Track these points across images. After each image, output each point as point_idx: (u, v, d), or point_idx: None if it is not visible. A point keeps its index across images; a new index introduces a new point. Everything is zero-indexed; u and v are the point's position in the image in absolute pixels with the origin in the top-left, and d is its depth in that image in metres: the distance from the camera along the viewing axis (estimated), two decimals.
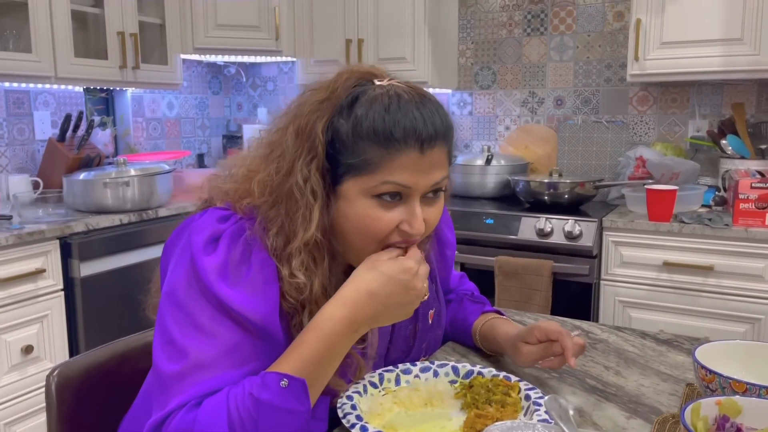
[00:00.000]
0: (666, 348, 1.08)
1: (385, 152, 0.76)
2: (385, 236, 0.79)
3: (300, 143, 0.79)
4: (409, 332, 0.95)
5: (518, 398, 0.85)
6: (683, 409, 0.68)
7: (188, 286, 0.77)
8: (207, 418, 0.70)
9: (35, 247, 2.02)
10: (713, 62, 2.24)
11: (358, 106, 0.78)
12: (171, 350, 0.75)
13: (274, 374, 0.72)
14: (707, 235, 2.07)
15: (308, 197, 0.78)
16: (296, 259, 0.78)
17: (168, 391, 0.74)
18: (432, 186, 0.80)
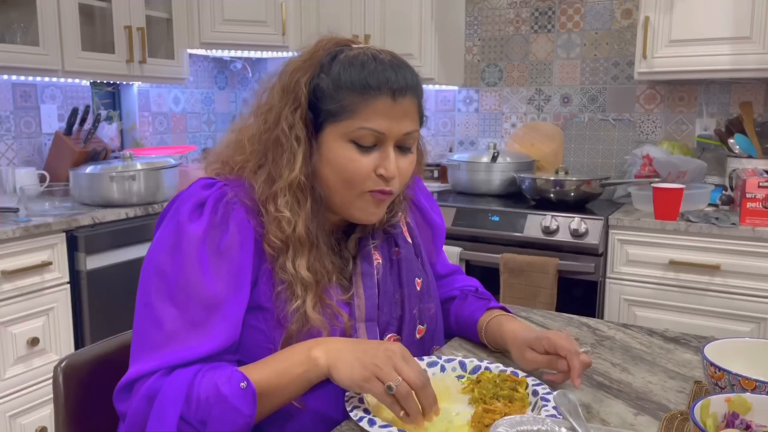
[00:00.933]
0: (673, 345, 1.08)
1: (361, 99, 0.85)
2: (363, 180, 0.87)
3: (285, 97, 0.89)
4: (397, 298, 0.96)
5: (526, 393, 0.85)
6: (692, 406, 0.68)
7: (170, 253, 0.85)
8: (170, 391, 0.78)
9: (42, 240, 2.03)
10: (722, 61, 2.23)
11: (337, 62, 0.88)
12: (148, 314, 0.84)
13: (240, 374, 0.80)
14: (714, 234, 2.07)
15: (293, 142, 0.87)
16: (281, 199, 0.87)
17: (142, 354, 0.83)
18: (403, 135, 0.88)
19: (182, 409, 0.78)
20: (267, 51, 3.11)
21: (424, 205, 1.11)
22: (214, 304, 0.83)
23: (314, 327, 0.86)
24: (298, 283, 0.86)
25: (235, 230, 0.85)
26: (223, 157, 0.95)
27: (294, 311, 0.86)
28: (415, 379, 0.76)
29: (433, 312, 1.02)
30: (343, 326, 0.90)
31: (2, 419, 1.95)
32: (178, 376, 0.79)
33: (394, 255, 0.99)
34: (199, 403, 0.78)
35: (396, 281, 0.97)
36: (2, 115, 2.54)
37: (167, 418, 0.77)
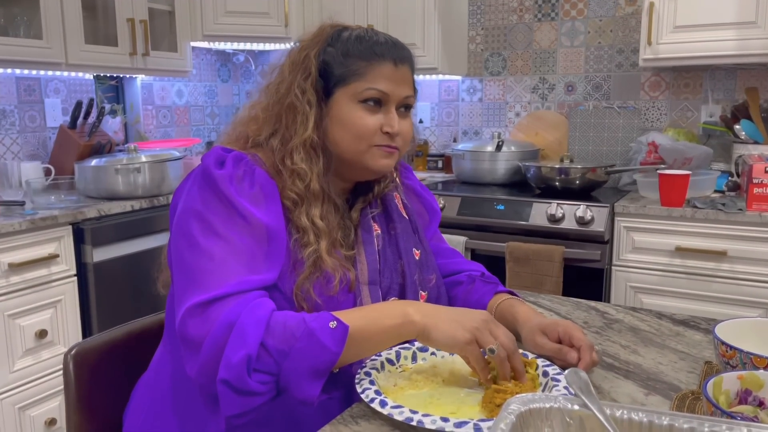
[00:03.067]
0: (683, 328, 1.07)
1: (368, 64, 0.95)
2: (371, 135, 0.96)
3: (295, 70, 0.98)
4: (397, 267, 1.02)
5: (536, 374, 0.85)
6: (705, 383, 0.68)
7: (205, 196, 0.88)
8: (250, 317, 0.79)
9: (48, 233, 2.03)
10: (727, 46, 2.22)
11: (343, 37, 0.98)
12: (196, 254, 0.85)
13: (329, 315, 0.82)
14: (720, 220, 2.06)
15: (305, 106, 0.95)
16: (297, 155, 0.94)
17: (198, 285, 0.83)
18: (403, 98, 0.98)
19: (263, 335, 0.78)
20: (270, 43, 3.10)
21: (420, 192, 1.18)
22: (265, 233, 0.88)
23: (327, 271, 0.91)
24: (311, 232, 0.93)
25: (260, 184, 0.91)
26: (237, 133, 1.02)
27: (309, 255, 0.91)
28: (509, 344, 0.81)
29: (433, 283, 1.06)
30: (349, 281, 0.94)
31: (11, 411, 1.96)
32: (258, 306, 0.81)
33: (392, 229, 1.05)
34: (285, 334, 0.79)
35: (395, 251, 1.03)
36: (7, 109, 2.55)
37: (250, 338, 0.77)
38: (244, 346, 0.77)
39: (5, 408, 1.94)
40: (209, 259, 0.84)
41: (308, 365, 0.78)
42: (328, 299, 0.91)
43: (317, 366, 0.78)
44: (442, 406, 0.79)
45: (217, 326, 0.79)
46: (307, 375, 0.78)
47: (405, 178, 1.16)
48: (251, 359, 0.77)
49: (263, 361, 0.78)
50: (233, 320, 0.79)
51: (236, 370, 0.76)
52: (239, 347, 0.77)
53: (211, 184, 0.89)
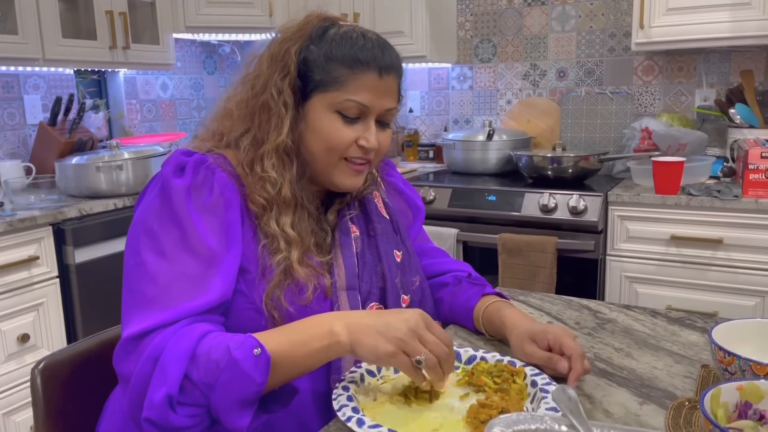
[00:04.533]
0: (678, 327, 1.03)
1: (351, 72, 0.89)
2: (344, 148, 0.90)
3: (273, 65, 0.91)
4: (378, 270, 0.97)
5: (524, 384, 0.80)
6: (702, 397, 0.64)
7: (158, 212, 0.84)
8: (174, 350, 0.75)
9: (28, 234, 1.98)
10: (721, 28, 2.17)
11: (328, 36, 0.91)
12: (141, 272, 0.82)
13: (254, 340, 0.76)
14: (716, 207, 2.02)
15: (281, 107, 0.89)
16: (268, 161, 0.89)
17: (137, 310, 0.80)
18: (385, 110, 0.92)
19: (187, 368, 0.74)
20: (254, 33, 3.03)
21: (403, 188, 1.13)
22: (209, 257, 0.83)
23: (299, 280, 0.87)
24: (281, 239, 0.88)
25: (219, 191, 0.86)
26: (212, 127, 0.97)
27: (279, 263, 0.87)
28: (439, 350, 0.76)
29: (417, 285, 1.01)
30: (324, 288, 0.90)
31: None
32: (183, 336, 0.76)
33: (372, 230, 1.00)
34: (208, 365, 0.74)
35: (375, 253, 0.98)
36: None
37: (170, 376, 0.73)
38: (164, 383, 0.73)
39: None
40: (152, 282, 0.81)
41: (235, 396, 0.73)
42: (301, 308, 0.86)
43: (244, 396, 0.73)
44: (425, 423, 0.74)
45: (142, 362, 0.75)
46: (235, 406, 0.73)
47: (387, 175, 1.11)
48: (172, 397, 0.73)
49: (189, 394, 0.74)
50: (158, 354, 0.75)
51: (158, 409, 0.72)
52: (160, 385, 0.73)
53: (166, 196, 0.84)
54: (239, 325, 0.86)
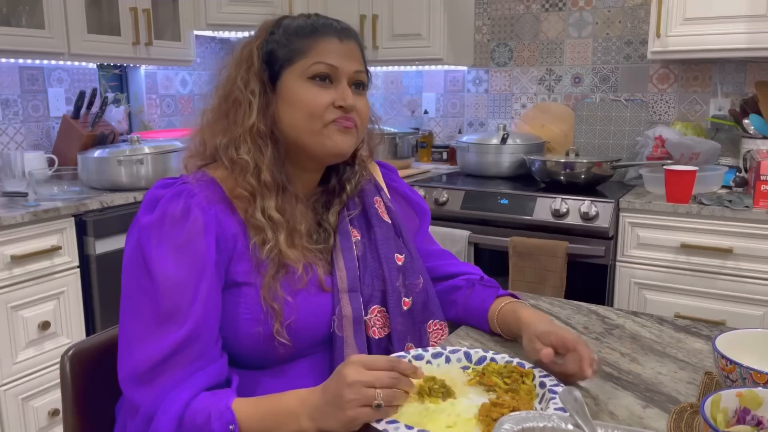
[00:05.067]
0: (684, 335, 1.06)
1: (312, 40, 0.94)
2: (323, 111, 0.93)
3: (239, 63, 0.96)
4: (378, 273, 1.00)
5: (533, 385, 0.84)
6: (703, 402, 0.67)
7: (129, 253, 0.88)
8: (165, 415, 0.81)
9: (51, 225, 2.03)
10: (738, 39, 2.18)
11: (285, 23, 0.97)
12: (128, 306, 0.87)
13: (232, 415, 0.80)
14: (727, 217, 2.04)
15: (248, 95, 0.94)
16: (243, 146, 0.92)
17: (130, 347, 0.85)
18: (354, 72, 0.96)
19: (176, 431, 0.81)
20: None
21: (408, 193, 1.16)
22: (178, 291, 0.85)
23: (289, 265, 0.91)
24: (268, 228, 0.91)
25: (195, 216, 0.87)
26: (195, 141, 1.00)
27: (269, 252, 0.90)
28: (386, 381, 0.77)
29: (420, 287, 1.04)
30: (317, 277, 0.95)
31: (15, 402, 1.98)
32: (174, 399, 0.82)
33: (373, 234, 1.03)
34: (192, 429, 0.81)
35: (375, 257, 1.01)
36: (10, 98, 2.54)
37: None
38: None
39: (9, 399, 1.96)
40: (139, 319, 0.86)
41: None
42: (296, 293, 0.91)
43: None
44: (438, 420, 0.78)
45: (138, 419, 0.82)
46: None
47: (390, 181, 1.15)
48: None
49: None
50: (152, 414, 0.81)
51: None
52: None
53: (135, 236, 0.88)
54: (238, 333, 0.91)
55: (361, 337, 0.97)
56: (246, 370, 0.93)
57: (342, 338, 0.96)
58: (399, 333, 1.00)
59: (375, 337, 0.98)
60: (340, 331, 0.96)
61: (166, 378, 0.83)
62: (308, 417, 0.79)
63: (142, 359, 0.83)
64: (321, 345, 0.98)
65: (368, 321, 0.98)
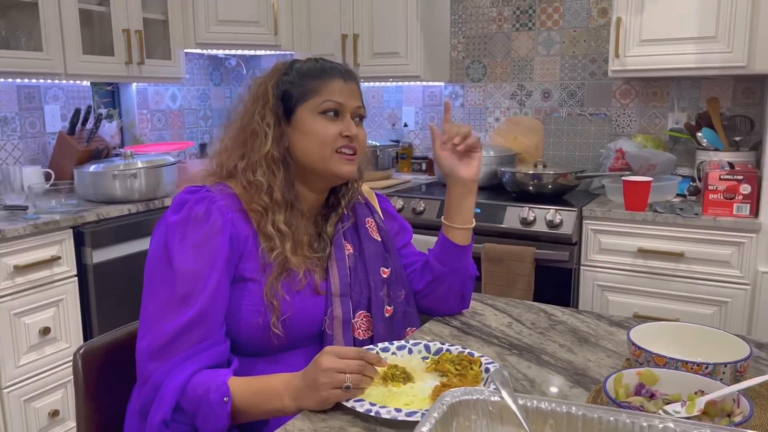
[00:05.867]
0: (617, 328, 1.22)
1: (321, 81, 1.13)
2: (333, 140, 1.12)
3: (255, 101, 1.15)
4: (366, 282, 1.17)
5: (479, 371, 1.00)
6: (606, 379, 0.83)
7: (158, 258, 1.04)
8: (170, 384, 0.97)
9: (50, 236, 2.17)
10: (689, 59, 2.36)
11: (296, 66, 1.16)
12: (147, 295, 1.03)
13: (227, 389, 0.96)
14: (679, 223, 2.22)
15: (264, 127, 1.12)
16: (259, 170, 1.11)
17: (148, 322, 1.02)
18: (356, 108, 1.15)
19: (179, 398, 0.96)
20: (260, 50, 3.23)
21: (395, 215, 1.36)
22: (193, 279, 1.01)
23: (293, 270, 1.09)
24: (277, 238, 1.09)
25: (215, 217, 1.05)
26: (214, 163, 1.19)
27: (276, 257, 1.08)
28: (354, 367, 0.92)
29: (402, 298, 1.21)
30: (314, 282, 1.12)
31: (17, 403, 2.10)
32: (180, 371, 0.97)
33: (363, 250, 1.20)
34: (193, 398, 0.96)
35: (363, 270, 1.18)
36: (8, 116, 2.67)
37: (165, 404, 0.96)
38: (161, 410, 0.96)
39: (12, 400, 2.08)
40: (151, 303, 1.03)
41: (209, 429, 0.96)
42: (294, 294, 1.08)
43: (214, 430, 0.96)
44: (398, 400, 0.93)
45: (148, 388, 0.99)
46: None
47: (384, 205, 1.34)
48: (166, 421, 0.96)
49: (179, 418, 0.97)
50: (159, 383, 0.98)
51: (156, 429, 0.96)
52: (158, 410, 0.96)
53: (162, 232, 1.05)
54: (239, 321, 1.07)
55: (348, 336, 1.13)
56: (245, 356, 1.09)
57: (331, 336, 1.12)
58: (381, 336, 1.16)
59: (359, 338, 1.15)
60: (330, 330, 1.12)
61: (175, 354, 0.98)
62: (290, 397, 0.95)
63: (157, 335, 0.99)
64: (311, 340, 1.13)
65: (355, 323, 1.15)
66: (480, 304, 1.37)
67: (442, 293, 1.27)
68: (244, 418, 0.98)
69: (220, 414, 0.95)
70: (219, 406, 0.95)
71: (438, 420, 0.73)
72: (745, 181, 2.14)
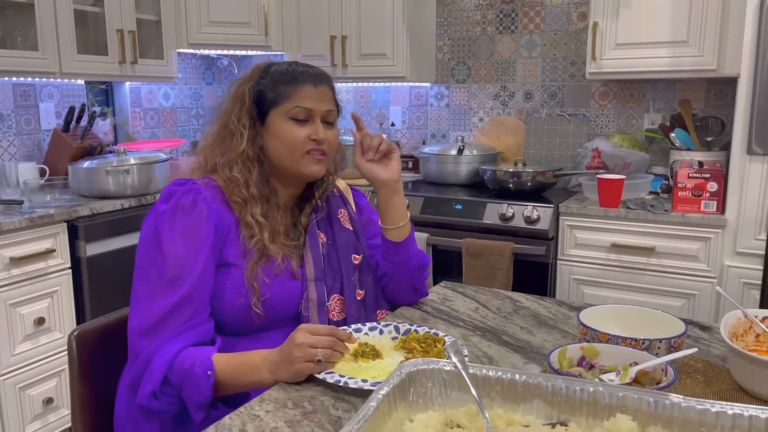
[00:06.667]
0: (575, 313, 1.32)
1: (293, 87, 1.21)
2: (302, 144, 1.20)
3: (234, 101, 1.24)
4: (337, 268, 1.26)
5: (442, 348, 1.08)
6: (550, 353, 0.92)
7: (148, 244, 1.12)
8: (160, 359, 1.05)
9: (45, 230, 2.24)
10: (662, 62, 2.46)
11: (271, 70, 1.24)
12: (137, 278, 1.12)
13: (211, 363, 1.04)
14: (649, 219, 2.31)
15: (240, 128, 1.21)
16: (235, 167, 1.20)
17: (135, 309, 1.11)
18: (326, 111, 1.23)
19: (167, 372, 1.04)
20: (251, 50, 3.31)
21: (369, 209, 1.45)
22: (181, 263, 1.10)
23: (271, 255, 1.18)
24: (255, 227, 1.18)
25: (201, 207, 1.14)
26: (200, 158, 1.28)
27: (255, 244, 1.17)
28: (326, 342, 1.01)
29: (371, 282, 1.31)
30: (291, 267, 1.21)
31: (13, 391, 2.18)
32: (169, 348, 1.06)
33: (336, 239, 1.30)
34: (180, 372, 1.04)
35: (336, 257, 1.28)
36: (4, 113, 2.75)
37: (154, 377, 1.05)
38: (150, 382, 1.04)
39: (7, 388, 2.16)
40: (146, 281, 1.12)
41: (194, 400, 1.04)
42: (273, 278, 1.17)
43: (198, 401, 1.04)
44: (366, 373, 1.02)
45: (139, 362, 1.07)
46: (194, 406, 1.05)
47: (359, 200, 1.44)
48: (155, 392, 1.04)
49: (167, 390, 1.05)
50: (149, 358, 1.06)
51: (146, 398, 1.05)
52: (148, 382, 1.05)
53: (152, 220, 1.14)
54: (223, 303, 1.16)
55: (323, 317, 1.23)
56: (228, 336, 1.18)
57: (308, 317, 1.22)
58: (353, 317, 1.26)
59: (334, 319, 1.24)
60: (306, 312, 1.21)
61: (164, 332, 1.07)
62: (267, 371, 1.04)
63: (147, 314, 1.08)
64: (289, 320, 1.22)
65: (329, 306, 1.24)
66: (451, 292, 1.46)
67: (393, 287, 1.35)
68: (226, 390, 1.07)
69: (204, 386, 1.04)
70: (203, 379, 1.04)
71: (396, 385, 0.82)
72: (712, 179, 2.24)
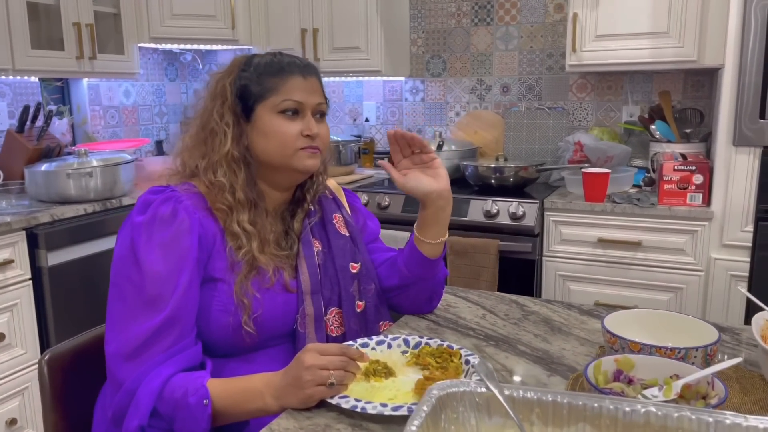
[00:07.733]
0: (587, 317, 1.26)
1: (280, 79, 1.09)
2: (294, 140, 1.09)
3: (214, 98, 1.12)
4: (334, 279, 1.16)
5: (460, 363, 1.01)
6: (586, 367, 0.85)
7: (120, 248, 1.01)
8: (147, 388, 0.94)
9: (2, 239, 2.08)
10: (642, 54, 2.44)
11: (254, 62, 1.12)
12: (113, 299, 1.00)
13: (206, 391, 0.94)
14: (636, 213, 2.29)
15: (223, 127, 1.09)
16: (220, 170, 1.08)
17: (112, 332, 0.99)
18: (316, 105, 1.12)
19: (156, 403, 0.94)
20: (217, 44, 3.16)
21: (365, 212, 1.34)
22: (162, 280, 0.98)
23: (262, 268, 1.07)
24: (243, 236, 1.07)
25: (182, 217, 1.02)
26: (176, 163, 1.15)
27: (244, 255, 1.06)
28: (337, 363, 0.92)
29: (373, 292, 1.20)
30: (283, 279, 1.10)
31: None
32: (155, 376, 0.95)
33: (331, 246, 1.18)
34: (170, 402, 0.94)
35: (332, 266, 1.17)
36: None
37: (142, 410, 0.93)
38: (137, 416, 0.93)
39: None
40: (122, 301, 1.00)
41: (189, 430, 0.94)
42: (264, 292, 1.06)
43: (194, 431, 0.94)
44: (382, 395, 0.94)
45: (121, 393, 0.95)
46: None
47: (352, 201, 1.32)
48: (143, 426, 0.93)
49: (156, 423, 0.95)
50: (134, 389, 0.95)
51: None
52: (134, 416, 0.94)
53: (127, 233, 1.02)
54: (210, 322, 1.04)
55: (321, 334, 1.12)
56: (216, 358, 1.07)
57: (304, 334, 1.11)
58: (353, 332, 1.16)
59: (332, 335, 1.14)
60: (302, 329, 1.11)
61: (148, 358, 0.96)
62: (272, 396, 0.93)
63: (128, 338, 0.96)
64: (283, 338, 1.12)
65: (327, 321, 1.14)
66: (453, 297, 1.38)
67: (410, 296, 1.25)
68: (224, 419, 0.97)
69: (200, 417, 0.93)
70: (198, 409, 0.93)
71: (428, 413, 0.73)
72: (697, 172, 2.22)
